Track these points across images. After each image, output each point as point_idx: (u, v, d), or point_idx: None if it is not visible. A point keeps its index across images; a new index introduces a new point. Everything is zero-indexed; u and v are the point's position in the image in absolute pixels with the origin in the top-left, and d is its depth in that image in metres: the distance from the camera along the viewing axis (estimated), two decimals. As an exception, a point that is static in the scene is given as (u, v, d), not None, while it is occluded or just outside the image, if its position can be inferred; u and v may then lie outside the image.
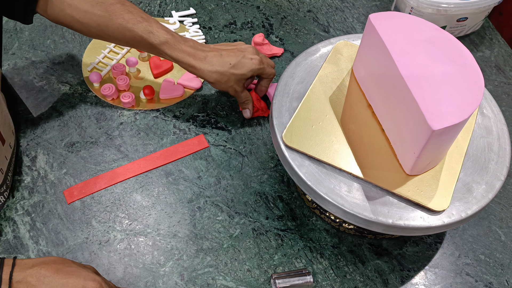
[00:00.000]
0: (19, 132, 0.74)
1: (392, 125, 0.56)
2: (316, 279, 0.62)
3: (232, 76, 0.68)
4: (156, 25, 0.66)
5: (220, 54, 0.68)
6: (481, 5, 0.84)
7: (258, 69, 0.70)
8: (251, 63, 0.69)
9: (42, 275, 0.51)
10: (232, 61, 0.68)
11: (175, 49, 0.67)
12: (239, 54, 0.69)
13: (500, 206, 0.69)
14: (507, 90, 0.84)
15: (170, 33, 0.67)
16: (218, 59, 0.68)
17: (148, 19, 0.67)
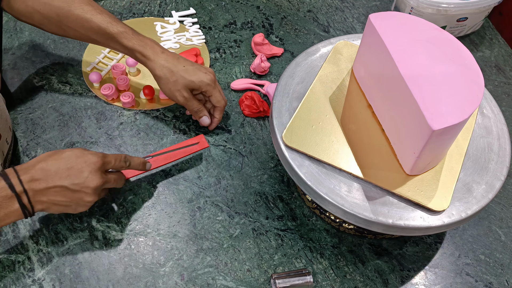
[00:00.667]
0: (19, 132, 0.74)
1: (392, 125, 0.56)
2: (316, 279, 0.62)
3: (181, 78, 0.67)
4: (115, 18, 0.68)
5: (178, 58, 0.68)
6: (481, 5, 0.84)
7: (207, 84, 0.68)
8: (203, 74, 0.68)
9: (45, 169, 0.55)
10: (187, 65, 0.68)
11: (132, 38, 0.67)
12: (196, 65, 0.69)
13: (500, 206, 0.69)
14: (507, 90, 0.84)
15: (129, 27, 0.68)
16: (173, 59, 0.68)
17: (107, 13, 0.68)
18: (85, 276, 0.61)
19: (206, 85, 0.68)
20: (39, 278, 0.60)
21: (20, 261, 0.61)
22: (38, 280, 0.60)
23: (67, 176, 0.55)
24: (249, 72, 0.83)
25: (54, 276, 0.61)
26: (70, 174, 0.56)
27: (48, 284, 0.60)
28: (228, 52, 0.86)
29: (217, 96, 0.70)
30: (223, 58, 0.85)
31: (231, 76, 0.82)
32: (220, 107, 0.71)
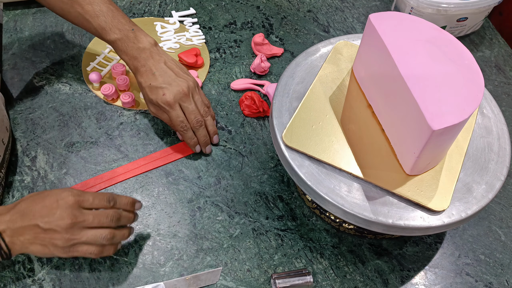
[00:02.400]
0: (19, 132, 0.74)
1: (392, 125, 0.56)
2: (316, 279, 0.62)
3: (146, 95, 0.68)
4: (113, 21, 0.67)
5: (153, 73, 0.67)
6: (481, 5, 0.84)
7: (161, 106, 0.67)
8: (160, 96, 0.66)
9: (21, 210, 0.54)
10: (153, 82, 0.67)
11: (119, 50, 0.68)
12: (163, 82, 0.67)
13: (500, 206, 0.69)
14: (507, 90, 0.84)
15: (123, 32, 0.67)
16: (147, 75, 0.68)
17: (106, 13, 0.67)
18: (85, 276, 0.61)
19: (161, 106, 0.67)
20: (39, 278, 0.60)
21: (20, 261, 0.61)
22: (38, 280, 0.60)
23: (39, 214, 0.54)
24: (249, 72, 0.83)
25: (54, 276, 0.61)
26: (42, 212, 0.54)
27: (48, 284, 0.60)
28: (228, 52, 0.86)
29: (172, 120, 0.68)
30: (223, 58, 0.85)
31: (231, 76, 0.83)
32: (179, 131, 0.69)
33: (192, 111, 0.68)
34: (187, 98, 0.68)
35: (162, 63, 0.68)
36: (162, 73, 0.67)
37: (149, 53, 0.68)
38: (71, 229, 0.54)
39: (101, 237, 0.55)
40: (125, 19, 0.69)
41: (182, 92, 0.67)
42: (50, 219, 0.54)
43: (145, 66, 0.67)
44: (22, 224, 0.53)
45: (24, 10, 0.90)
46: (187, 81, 0.68)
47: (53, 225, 0.53)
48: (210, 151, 0.72)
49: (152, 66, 0.67)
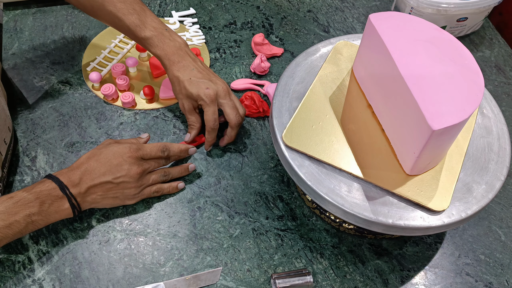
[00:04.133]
0: (19, 132, 0.74)
1: (392, 125, 0.56)
2: (316, 279, 0.62)
3: (183, 89, 0.68)
4: (146, 19, 0.69)
5: (192, 69, 0.68)
6: (481, 5, 0.84)
7: (202, 99, 0.67)
8: (203, 89, 0.67)
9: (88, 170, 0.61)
10: (193, 77, 0.68)
11: (156, 46, 0.69)
12: (204, 78, 0.68)
13: (500, 206, 0.69)
14: (507, 90, 0.84)
15: (158, 30, 0.69)
16: (185, 69, 0.68)
17: (140, 12, 0.69)
18: (85, 276, 0.61)
19: (201, 99, 0.67)
20: (39, 278, 0.60)
21: (20, 261, 0.61)
22: (38, 280, 0.60)
23: (109, 171, 0.61)
24: (249, 72, 0.83)
25: (54, 276, 0.61)
26: (111, 169, 0.61)
27: (48, 284, 0.60)
28: (228, 52, 0.86)
29: (208, 115, 0.68)
30: (223, 58, 0.85)
31: (231, 76, 0.83)
32: (208, 128, 0.69)
33: (233, 107, 0.69)
34: (227, 96, 0.69)
35: (199, 62, 0.71)
36: (201, 70, 0.69)
37: (185, 51, 0.70)
38: (140, 178, 0.63)
39: (163, 175, 0.66)
40: (158, 19, 0.70)
41: (224, 90, 0.69)
42: (122, 173, 0.61)
43: (182, 62, 0.69)
44: (92, 183, 0.60)
45: (24, 10, 0.90)
46: (223, 82, 0.70)
47: (125, 178, 0.62)
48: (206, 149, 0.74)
49: (190, 63, 0.69)
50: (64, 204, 0.59)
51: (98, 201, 0.62)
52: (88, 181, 0.60)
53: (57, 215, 0.59)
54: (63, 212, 0.59)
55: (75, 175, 0.60)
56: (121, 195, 0.63)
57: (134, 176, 0.62)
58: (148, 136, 0.69)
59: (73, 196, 0.59)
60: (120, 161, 0.61)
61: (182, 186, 0.68)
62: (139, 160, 0.63)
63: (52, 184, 0.58)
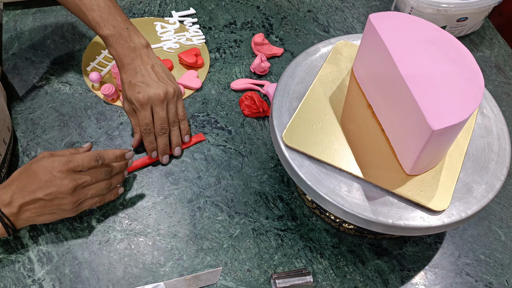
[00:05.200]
0: (19, 132, 0.74)
1: (392, 125, 0.56)
2: (316, 279, 0.62)
3: (123, 91, 0.68)
4: (108, 17, 0.68)
5: (137, 72, 0.68)
6: (481, 5, 0.84)
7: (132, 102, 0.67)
8: (135, 94, 0.66)
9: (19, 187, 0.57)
10: (133, 79, 0.67)
11: (110, 46, 0.68)
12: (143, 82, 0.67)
13: (500, 206, 0.69)
14: (507, 90, 0.84)
15: (117, 29, 0.68)
16: (130, 73, 0.68)
17: (103, 8, 0.68)
18: (85, 276, 0.61)
19: (133, 103, 0.67)
20: (39, 278, 0.60)
21: (20, 261, 0.61)
22: (38, 280, 0.60)
23: (39, 188, 0.57)
24: (249, 72, 0.83)
25: (54, 276, 0.61)
26: (41, 186, 0.57)
27: (48, 284, 0.60)
28: (228, 52, 0.86)
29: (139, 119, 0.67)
30: (223, 58, 0.85)
31: (231, 76, 0.83)
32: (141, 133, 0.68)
33: (161, 117, 0.67)
34: (160, 103, 0.67)
35: (149, 66, 0.68)
36: (144, 73, 0.68)
37: (138, 54, 0.68)
38: (75, 192, 0.59)
39: (102, 188, 0.62)
40: (122, 17, 0.69)
41: (157, 96, 0.66)
42: (52, 190, 0.57)
43: (131, 64, 0.68)
44: (23, 201, 0.57)
45: (24, 10, 0.90)
46: (167, 87, 0.68)
47: (57, 194, 0.57)
48: (166, 161, 0.71)
49: (137, 65, 0.68)
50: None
51: (34, 219, 0.58)
52: (19, 199, 0.56)
53: None
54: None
55: (6, 194, 0.56)
56: (57, 210, 0.58)
57: (66, 192, 0.57)
58: (90, 145, 0.65)
59: (5, 215, 0.56)
60: (49, 176, 0.57)
61: (121, 191, 0.66)
62: (71, 174, 0.58)
63: None
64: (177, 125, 0.70)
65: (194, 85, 0.80)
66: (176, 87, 0.69)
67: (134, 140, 0.71)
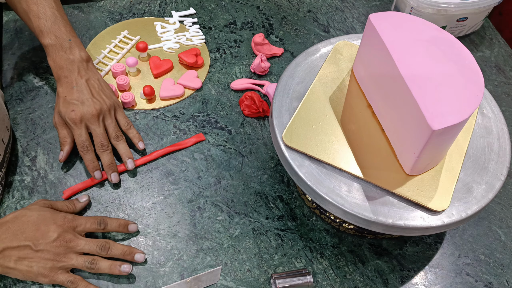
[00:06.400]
0: (19, 132, 0.74)
1: (392, 125, 0.56)
2: (316, 279, 0.62)
3: (57, 105, 0.68)
4: (52, 26, 0.68)
5: (72, 87, 0.67)
6: (481, 5, 0.84)
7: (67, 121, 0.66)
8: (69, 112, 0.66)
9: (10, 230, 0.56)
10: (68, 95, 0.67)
11: (49, 56, 0.69)
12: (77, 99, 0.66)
13: (500, 206, 0.69)
14: (507, 90, 0.84)
15: (59, 39, 0.68)
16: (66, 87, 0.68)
17: (49, 17, 0.68)
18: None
19: (67, 122, 0.67)
20: (39, 278, 0.60)
21: (20, 261, 0.61)
22: (38, 280, 0.60)
23: (33, 236, 0.56)
24: (249, 72, 0.83)
25: (54, 276, 0.60)
26: (36, 234, 0.56)
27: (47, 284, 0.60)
28: (228, 52, 0.86)
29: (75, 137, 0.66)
30: (223, 58, 0.85)
31: (231, 76, 0.83)
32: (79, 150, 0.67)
33: (99, 134, 0.67)
34: (95, 120, 0.67)
35: (84, 80, 0.69)
36: (80, 89, 0.68)
37: (76, 67, 0.69)
38: (63, 252, 0.57)
39: (88, 261, 0.57)
40: (66, 28, 0.69)
41: (91, 113, 0.66)
42: (45, 241, 0.56)
43: (68, 78, 0.68)
44: (11, 244, 0.55)
45: (24, 10, 0.90)
46: (101, 103, 0.68)
47: (47, 246, 0.56)
48: (116, 180, 0.67)
49: (74, 80, 0.68)
50: None
51: (11, 267, 0.55)
52: (6, 242, 0.55)
53: None
54: None
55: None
56: (36, 265, 0.55)
57: (57, 246, 0.56)
58: (88, 198, 0.65)
59: None
60: (50, 228, 0.56)
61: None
62: (70, 233, 0.57)
63: None
64: (122, 138, 0.69)
65: (194, 85, 0.80)
66: (111, 101, 0.69)
67: (63, 154, 0.67)
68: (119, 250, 0.60)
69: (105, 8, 0.91)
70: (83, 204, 0.65)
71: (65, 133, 0.68)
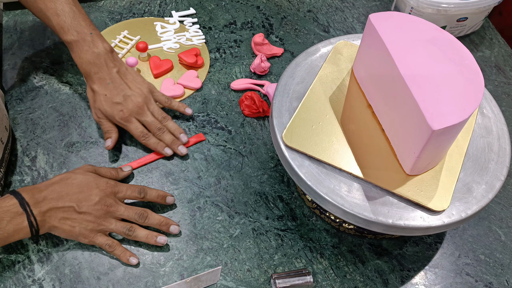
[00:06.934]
0: (19, 132, 0.74)
1: (392, 125, 0.56)
2: (316, 279, 0.62)
3: (99, 103, 0.68)
4: (72, 22, 0.67)
5: (108, 83, 0.68)
6: (481, 5, 0.84)
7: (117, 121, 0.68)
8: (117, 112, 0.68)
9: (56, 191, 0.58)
10: (108, 93, 0.67)
11: (74, 52, 0.68)
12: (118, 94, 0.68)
13: (500, 206, 0.69)
14: (507, 90, 0.84)
15: (81, 34, 0.68)
16: (101, 83, 0.68)
17: (68, 13, 0.68)
18: (85, 276, 0.61)
19: (117, 122, 0.69)
20: (39, 278, 0.60)
21: (20, 261, 0.61)
22: (38, 280, 0.60)
23: (76, 198, 0.59)
24: (249, 72, 0.83)
25: (54, 276, 0.61)
26: (79, 196, 0.59)
27: (48, 284, 0.60)
28: (228, 52, 0.86)
29: (133, 133, 0.69)
30: (223, 58, 0.85)
31: (231, 76, 0.83)
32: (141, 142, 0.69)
33: (151, 122, 0.69)
34: (143, 112, 0.69)
35: (115, 71, 0.69)
36: (116, 84, 0.68)
37: (103, 60, 0.68)
38: (104, 215, 0.59)
39: (126, 228, 0.60)
40: (86, 22, 0.69)
41: (138, 107, 0.69)
42: (88, 203, 0.59)
43: (98, 73, 0.68)
44: (56, 205, 0.58)
45: (24, 10, 0.90)
46: (141, 93, 0.70)
47: (89, 209, 0.59)
48: (185, 151, 0.71)
49: (106, 75, 0.68)
50: (23, 221, 0.56)
51: (55, 226, 0.58)
52: (52, 202, 0.57)
53: (16, 234, 0.56)
54: (21, 230, 0.56)
55: (41, 194, 0.57)
56: (78, 226, 0.58)
57: (97, 211, 0.59)
58: (131, 169, 0.68)
59: (33, 214, 0.56)
60: (93, 191, 0.59)
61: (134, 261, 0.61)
62: (111, 198, 0.60)
63: (12, 200, 0.56)
64: (168, 117, 0.72)
65: (194, 85, 0.80)
66: (146, 86, 0.72)
67: (112, 140, 0.69)
68: (156, 220, 0.62)
69: (105, 8, 0.91)
70: (126, 173, 0.67)
71: (110, 124, 0.70)
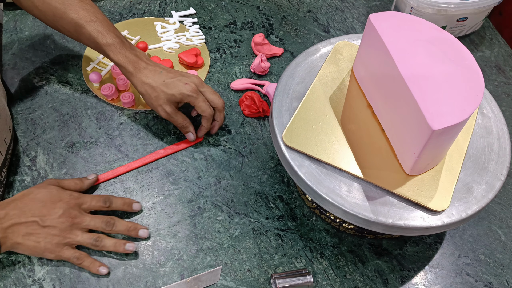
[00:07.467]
0: (19, 132, 0.74)
1: (392, 125, 0.56)
2: (316, 279, 0.62)
3: (162, 93, 0.66)
4: (109, 27, 0.68)
5: (160, 72, 0.68)
6: (481, 5, 0.84)
7: (188, 95, 0.67)
8: (183, 86, 0.66)
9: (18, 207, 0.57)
10: (167, 78, 0.67)
11: (118, 53, 0.67)
12: (176, 76, 0.68)
13: (500, 206, 0.69)
14: (507, 90, 0.84)
15: (120, 38, 0.68)
16: (154, 74, 0.67)
17: (102, 20, 0.68)
18: (85, 276, 0.61)
19: (187, 96, 0.67)
20: (39, 278, 0.60)
21: (20, 261, 0.61)
22: (38, 280, 0.60)
23: (40, 212, 0.58)
24: (249, 72, 0.83)
25: (54, 276, 0.61)
26: (42, 210, 0.58)
27: (48, 284, 0.60)
28: (228, 52, 0.86)
29: (201, 106, 0.68)
30: (223, 58, 0.85)
31: (231, 76, 0.83)
32: (206, 116, 0.69)
33: (213, 92, 0.70)
34: (203, 85, 0.69)
35: (161, 65, 0.70)
36: (168, 70, 0.69)
37: (147, 59, 0.69)
38: (69, 228, 0.59)
39: (93, 238, 0.59)
40: (118, 31, 0.70)
41: (199, 80, 0.69)
42: (52, 216, 0.58)
43: (148, 67, 0.68)
44: (19, 220, 0.57)
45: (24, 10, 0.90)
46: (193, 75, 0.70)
47: (53, 222, 0.57)
48: None
49: (155, 67, 0.68)
50: None
51: (19, 242, 0.57)
52: (14, 218, 0.57)
53: None
54: None
55: (2, 210, 0.57)
56: (43, 241, 0.57)
57: (63, 222, 0.58)
58: (96, 176, 0.67)
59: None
60: (56, 204, 0.59)
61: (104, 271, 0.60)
62: (76, 210, 0.60)
63: None
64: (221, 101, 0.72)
65: (194, 85, 0.80)
66: None
67: (192, 134, 0.71)
68: (124, 226, 0.61)
69: (105, 8, 0.91)
70: (91, 182, 0.66)
71: (183, 117, 0.70)
